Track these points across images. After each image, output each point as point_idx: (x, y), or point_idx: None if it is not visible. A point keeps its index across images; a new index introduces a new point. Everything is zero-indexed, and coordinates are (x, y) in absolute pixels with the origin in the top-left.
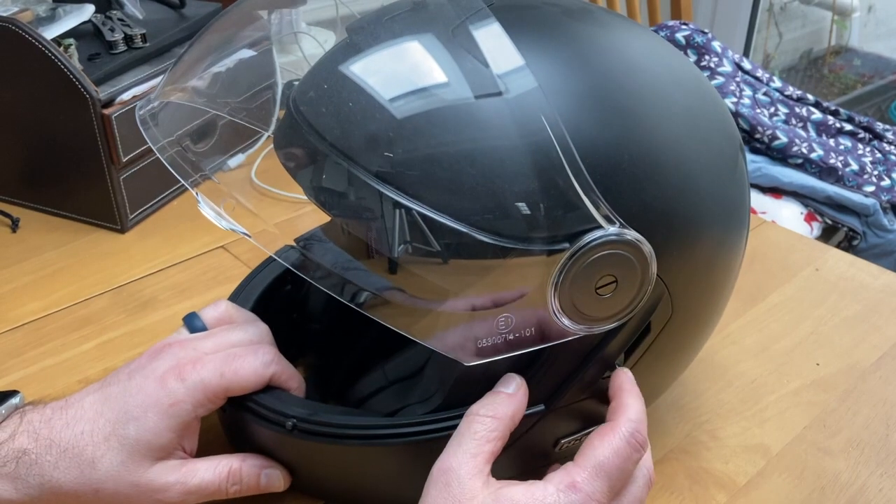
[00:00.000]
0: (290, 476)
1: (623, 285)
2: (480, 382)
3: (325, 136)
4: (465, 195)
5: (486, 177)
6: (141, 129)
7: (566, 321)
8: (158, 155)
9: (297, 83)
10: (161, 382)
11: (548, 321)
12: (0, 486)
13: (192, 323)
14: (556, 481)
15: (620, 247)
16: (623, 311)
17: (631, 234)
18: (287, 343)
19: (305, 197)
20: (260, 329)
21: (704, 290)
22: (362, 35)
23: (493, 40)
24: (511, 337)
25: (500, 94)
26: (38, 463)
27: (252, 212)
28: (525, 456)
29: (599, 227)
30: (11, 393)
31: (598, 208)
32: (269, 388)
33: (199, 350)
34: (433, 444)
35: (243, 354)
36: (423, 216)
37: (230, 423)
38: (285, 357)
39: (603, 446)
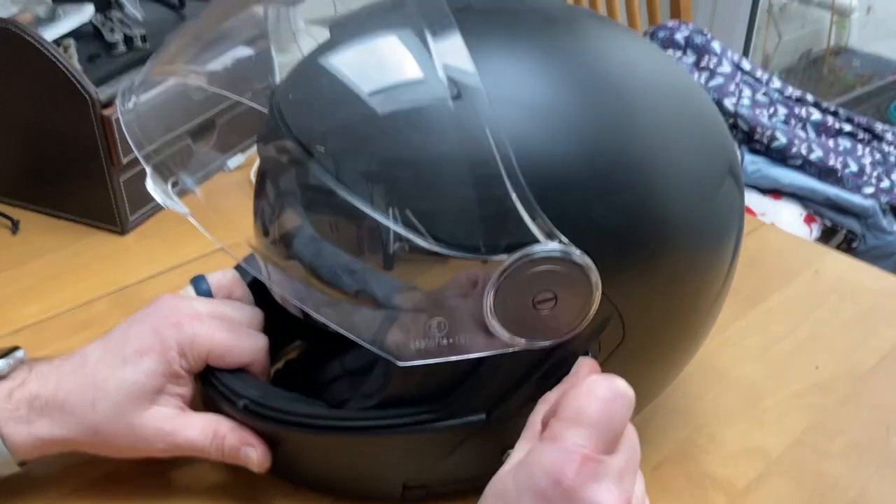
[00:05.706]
0: (268, 460)
1: (563, 303)
2: (417, 386)
3: (291, 126)
4: (398, 196)
5: (421, 180)
6: (119, 101)
7: (501, 331)
8: (124, 128)
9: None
10: (157, 329)
11: (484, 330)
12: (14, 429)
13: (199, 286)
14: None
15: (561, 264)
16: (564, 329)
17: (574, 253)
18: (274, 325)
19: None
20: (255, 313)
21: (665, 317)
22: (336, 31)
23: (448, 46)
24: (446, 342)
25: (444, 100)
26: (48, 405)
27: (195, 193)
28: (469, 465)
29: (537, 241)
30: (14, 348)
31: (535, 221)
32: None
33: (197, 310)
34: (367, 440)
35: (240, 330)
36: (355, 211)
37: (203, 397)
38: (274, 336)
39: (578, 395)
